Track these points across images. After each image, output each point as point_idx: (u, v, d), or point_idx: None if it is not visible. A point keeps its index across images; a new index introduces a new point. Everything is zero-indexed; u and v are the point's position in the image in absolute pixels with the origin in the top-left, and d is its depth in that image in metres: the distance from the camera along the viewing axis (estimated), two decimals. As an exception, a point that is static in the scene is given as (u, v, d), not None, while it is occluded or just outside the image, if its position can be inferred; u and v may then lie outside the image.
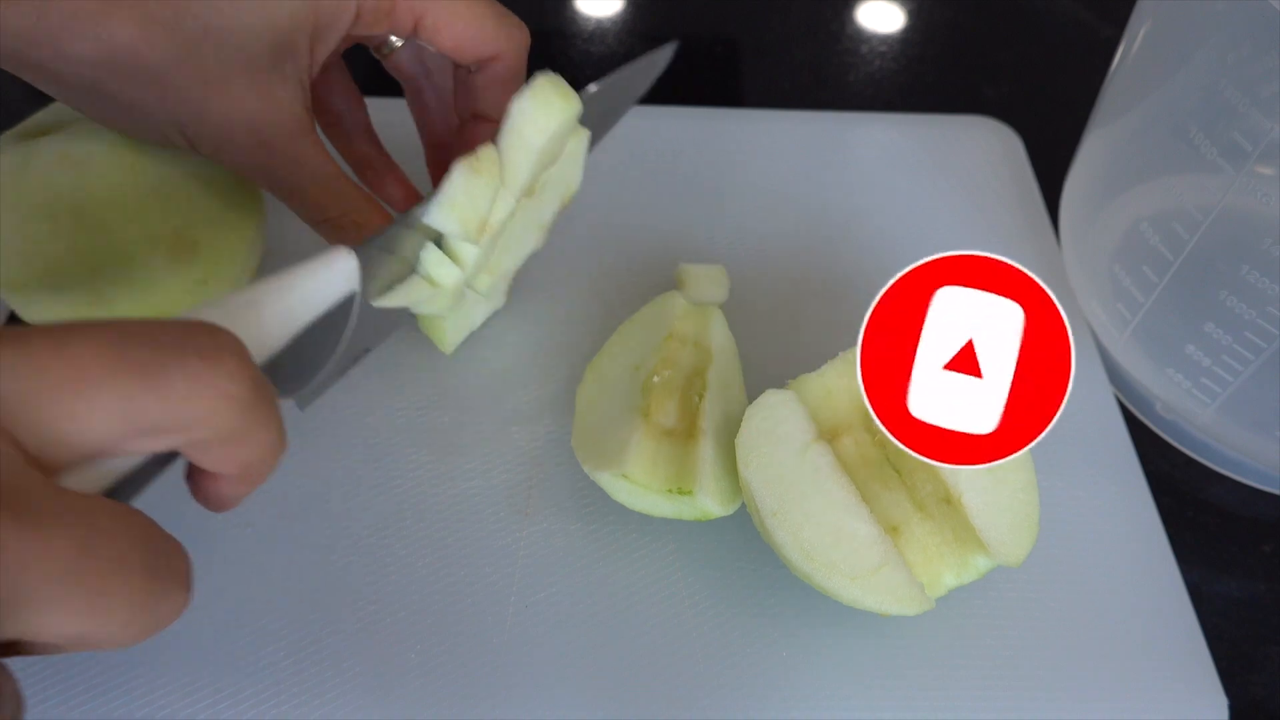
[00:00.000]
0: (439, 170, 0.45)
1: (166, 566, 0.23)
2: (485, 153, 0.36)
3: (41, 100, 0.43)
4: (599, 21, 0.66)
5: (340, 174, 0.38)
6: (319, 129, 0.40)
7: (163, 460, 0.26)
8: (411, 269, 0.37)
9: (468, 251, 0.38)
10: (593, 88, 0.41)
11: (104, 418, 0.22)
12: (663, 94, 0.58)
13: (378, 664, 0.37)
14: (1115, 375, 0.47)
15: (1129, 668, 0.38)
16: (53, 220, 0.38)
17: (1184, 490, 0.45)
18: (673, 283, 0.49)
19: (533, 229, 0.43)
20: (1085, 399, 0.46)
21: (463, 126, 0.43)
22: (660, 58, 0.45)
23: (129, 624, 0.22)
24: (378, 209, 0.39)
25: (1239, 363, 0.40)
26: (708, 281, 0.48)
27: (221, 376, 0.24)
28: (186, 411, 0.23)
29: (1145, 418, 0.47)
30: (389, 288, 0.36)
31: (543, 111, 0.36)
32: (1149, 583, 0.41)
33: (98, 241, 0.39)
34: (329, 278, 0.30)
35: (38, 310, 0.41)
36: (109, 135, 0.39)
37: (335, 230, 0.38)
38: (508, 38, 0.40)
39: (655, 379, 0.41)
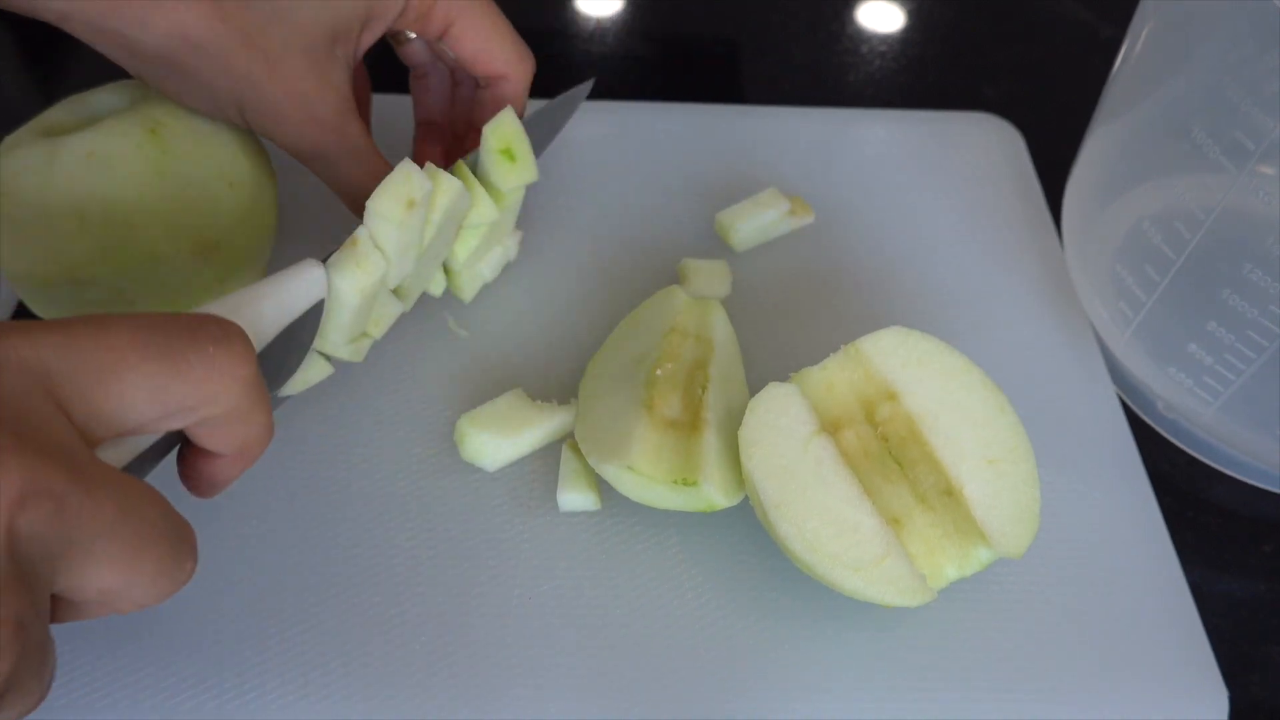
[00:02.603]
0: (424, 145, 0.48)
1: (181, 536, 0.26)
2: (361, 244, 0.36)
3: (44, 99, 0.44)
4: (599, 21, 0.66)
5: (378, 153, 0.41)
6: None
7: (168, 444, 0.29)
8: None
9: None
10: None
11: (139, 398, 0.25)
12: (663, 93, 0.58)
13: (383, 656, 0.37)
14: (1117, 374, 0.47)
15: (1130, 661, 0.38)
16: (79, 218, 0.39)
17: (1185, 490, 0.45)
18: (675, 277, 0.49)
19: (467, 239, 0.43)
20: (1087, 397, 0.46)
21: (461, 138, 0.47)
22: (578, 93, 0.48)
23: (155, 582, 0.25)
24: None
25: (1241, 361, 0.40)
26: (710, 276, 0.48)
27: (233, 359, 0.27)
28: (204, 391, 0.26)
29: (1147, 417, 0.47)
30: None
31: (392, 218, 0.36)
32: (1150, 578, 0.41)
33: (123, 240, 0.39)
34: (302, 286, 0.34)
35: (57, 307, 0.41)
36: (135, 135, 0.40)
37: None
38: (519, 61, 0.44)
39: (658, 372, 0.41)
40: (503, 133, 0.41)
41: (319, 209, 0.50)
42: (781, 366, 0.46)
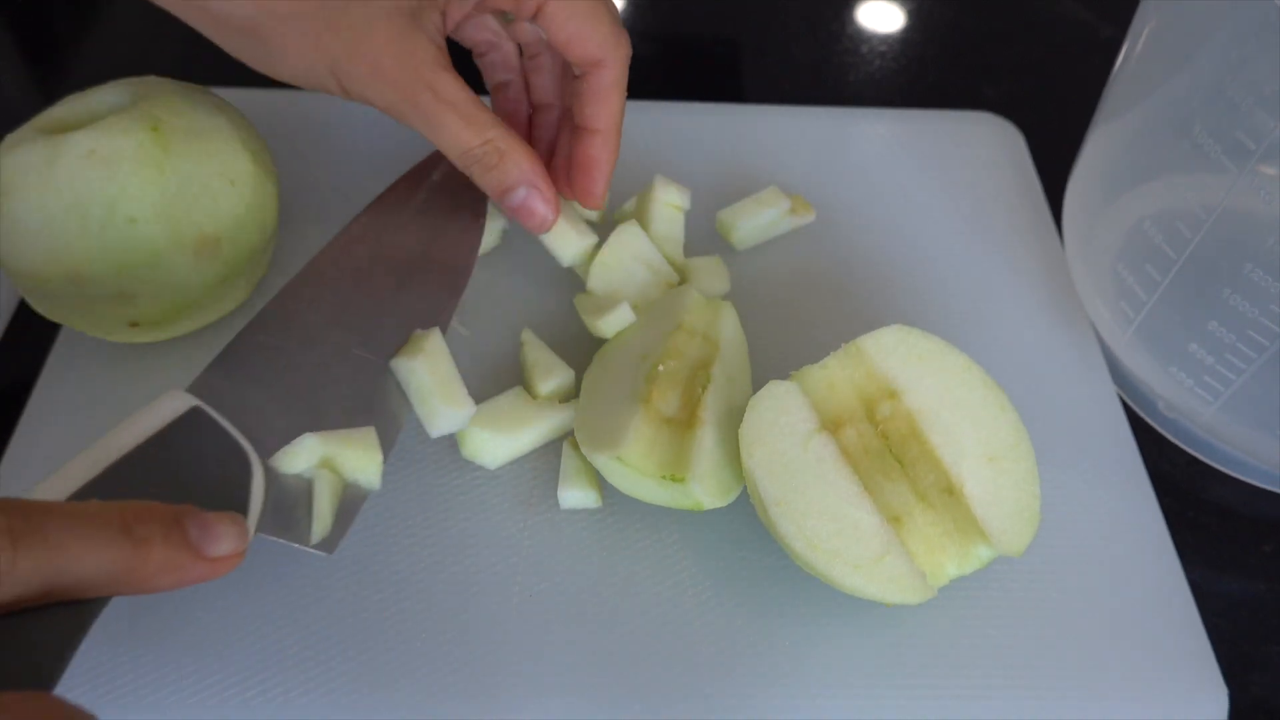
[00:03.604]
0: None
1: None
2: None
3: (44, 98, 0.44)
4: (600, 20, 0.66)
5: (480, 104, 0.40)
6: None
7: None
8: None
9: None
10: None
11: None
12: (663, 93, 0.58)
13: (383, 653, 0.37)
14: (1118, 374, 0.47)
15: (1129, 659, 0.38)
16: (81, 217, 0.39)
17: (1185, 490, 0.46)
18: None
19: None
20: (1088, 397, 0.46)
21: (574, 137, 0.44)
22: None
23: None
24: (520, 141, 0.41)
25: (1242, 361, 0.40)
26: (707, 273, 0.48)
27: None
28: None
29: (1148, 416, 0.47)
30: None
31: None
32: (1150, 577, 0.41)
33: (124, 239, 0.39)
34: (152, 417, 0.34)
35: (58, 306, 0.41)
36: (136, 133, 0.40)
37: (482, 167, 0.40)
38: (615, 46, 0.42)
39: (660, 368, 0.41)
40: None
41: (319, 207, 0.50)
42: (782, 364, 0.46)
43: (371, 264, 0.43)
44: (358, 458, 0.37)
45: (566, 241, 0.45)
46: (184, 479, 0.33)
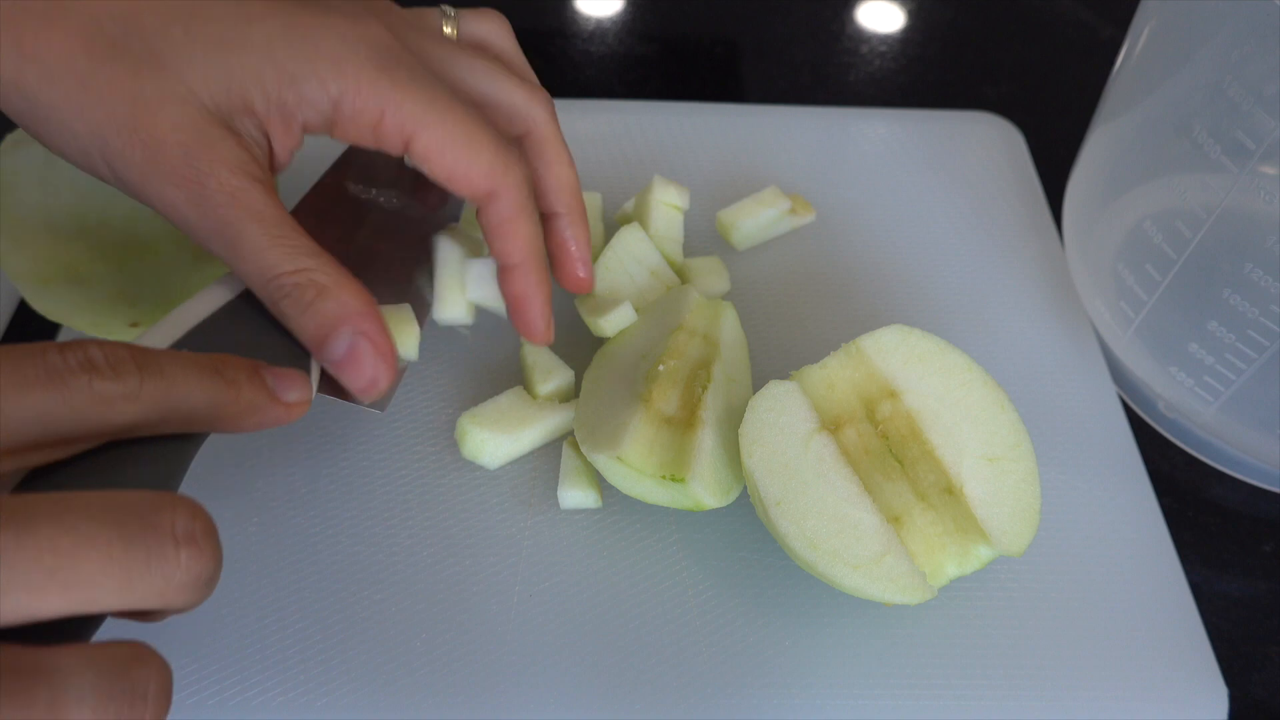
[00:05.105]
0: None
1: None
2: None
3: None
4: (599, 21, 0.66)
5: (298, 228, 0.33)
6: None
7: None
8: None
9: None
10: None
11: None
12: (663, 93, 0.58)
13: (384, 653, 0.37)
14: (1118, 373, 0.47)
15: (1129, 659, 0.38)
16: (80, 217, 0.39)
17: (1186, 489, 0.46)
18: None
19: None
20: (1088, 397, 0.46)
21: (503, 275, 0.39)
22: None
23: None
24: (350, 277, 0.34)
25: (1242, 361, 0.40)
26: (706, 273, 0.48)
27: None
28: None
29: (1148, 416, 0.47)
30: None
31: None
32: (1150, 577, 0.41)
33: (124, 241, 0.39)
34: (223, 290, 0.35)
35: (58, 306, 0.41)
36: None
37: (293, 303, 0.33)
38: (505, 172, 0.36)
39: (660, 368, 0.41)
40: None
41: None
42: (782, 364, 0.46)
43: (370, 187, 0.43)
44: (398, 331, 0.37)
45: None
46: (250, 346, 0.34)
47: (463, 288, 0.41)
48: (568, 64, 0.64)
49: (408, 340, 0.38)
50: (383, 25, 0.34)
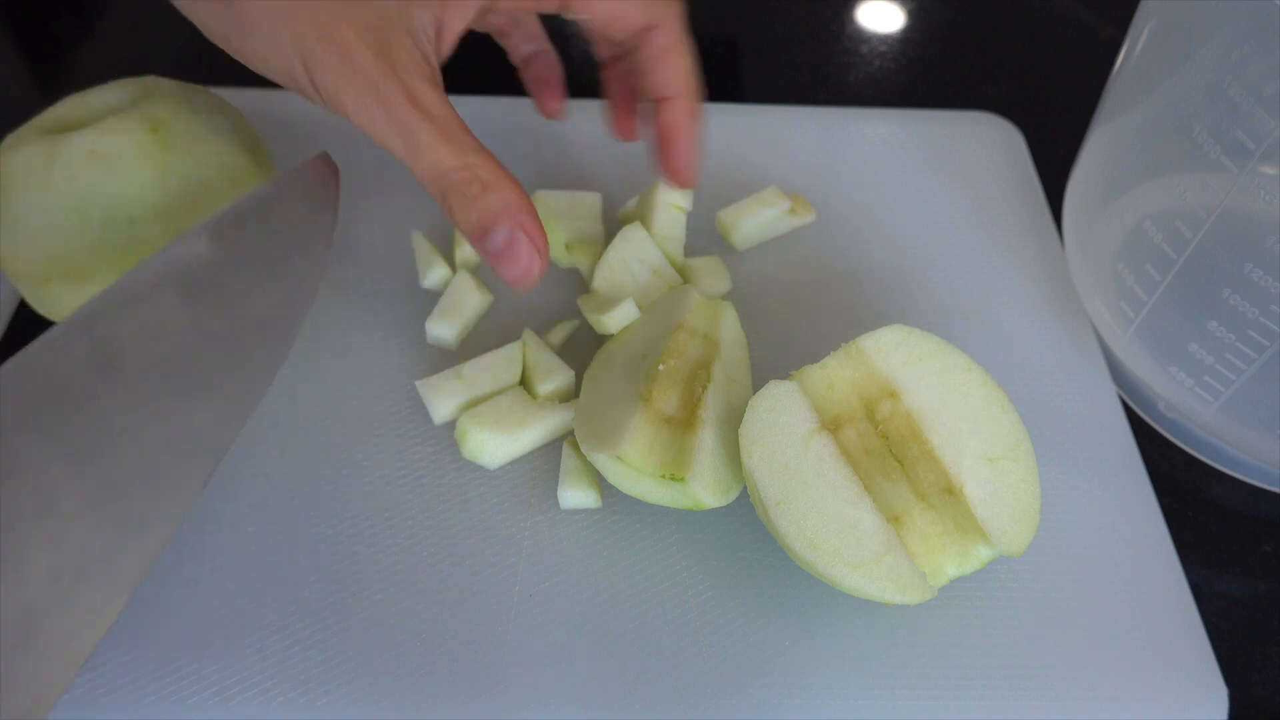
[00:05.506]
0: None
1: None
2: None
3: (44, 98, 0.44)
4: (600, 20, 0.66)
5: (461, 123, 0.36)
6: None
7: None
8: None
9: None
10: None
11: None
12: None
13: (383, 653, 0.37)
14: (1118, 374, 0.47)
15: (1129, 659, 0.38)
16: (81, 217, 0.39)
17: (1186, 490, 0.46)
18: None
19: None
20: (1088, 397, 0.46)
21: (656, 110, 0.42)
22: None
23: None
24: (509, 176, 0.36)
25: (1242, 361, 0.40)
26: (707, 273, 0.48)
27: None
28: None
29: (1148, 416, 0.47)
30: None
31: None
32: (1150, 578, 0.41)
33: (125, 239, 0.39)
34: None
35: (58, 306, 0.41)
36: (137, 133, 0.40)
37: (460, 196, 0.35)
38: (662, 5, 0.39)
39: (660, 368, 0.41)
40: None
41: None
42: (782, 364, 0.46)
43: None
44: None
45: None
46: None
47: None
48: (569, 64, 0.63)
49: (553, 239, 0.38)
50: None
